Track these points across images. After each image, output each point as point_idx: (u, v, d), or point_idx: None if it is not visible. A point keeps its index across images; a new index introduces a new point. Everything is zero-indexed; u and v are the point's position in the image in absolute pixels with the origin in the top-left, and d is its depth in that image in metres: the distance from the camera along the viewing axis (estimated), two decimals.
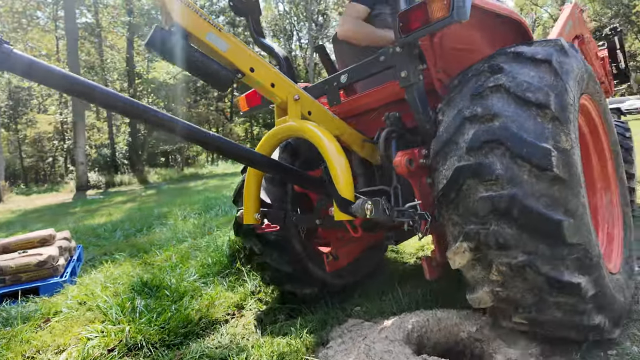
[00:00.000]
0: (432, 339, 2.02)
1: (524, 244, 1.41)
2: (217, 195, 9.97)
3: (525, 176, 1.40)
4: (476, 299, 1.65)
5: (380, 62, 1.97)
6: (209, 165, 30.43)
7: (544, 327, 1.60)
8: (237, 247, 3.68)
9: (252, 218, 2.08)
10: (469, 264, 1.58)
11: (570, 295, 1.43)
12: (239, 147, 1.75)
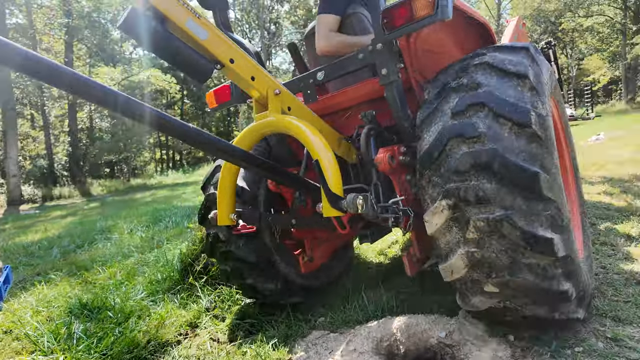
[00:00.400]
0: (402, 347, 1.92)
1: (501, 198, 1.47)
2: (167, 207, 9.44)
3: (506, 133, 1.51)
4: (449, 268, 1.66)
5: (359, 60, 1.99)
6: (158, 175, 29.02)
7: (516, 297, 1.58)
8: (189, 261, 3.41)
9: (227, 219, 1.97)
10: (445, 225, 1.61)
11: (543, 254, 1.47)
12: (220, 142, 1.63)
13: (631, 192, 4.28)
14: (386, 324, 2.02)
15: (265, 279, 2.55)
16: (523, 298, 1.58)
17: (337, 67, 2.12)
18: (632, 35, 27.02)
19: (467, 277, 1.64)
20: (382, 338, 1.93)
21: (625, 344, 1.70)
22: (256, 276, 2.53)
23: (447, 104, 1.68)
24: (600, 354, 1.66)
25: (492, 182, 1.48)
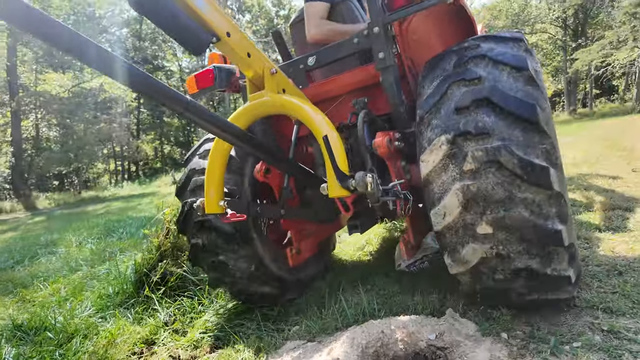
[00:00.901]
0: (389, 353, 1.73)
1: (500, 130, 1.52)
2: (122, 218, 8.82)
3: (505, 76, 1.61)
4: (441, 210, 1.65)
5: (353, 45, 2.00)
6: (112, 187, 27.46)
7: (509, 241, 1.55)
8: (145, 271, 3.07)
9: (216, 206, 1.82)
10: (442, 164, 1.64)
11: (539, 187, 1.48)
12: (218, 118, 1.54)
13: (592, 189, 4.39)
14: (370, 328, 1.83)
15: (238, 257, 2.35)
16: (516, 243, 1.54)
17: (330, 53, 2.11)
18: (572, 52, 29.12)
19: (459, 221, 1.62)
20: (368, 344, 1.73)
21: (624, 336, 1.61)
22: (230, 252, 2.33)
23: (448, 61, 1.81)
24: (600, 348, 1.56)
25: (492, 116, 1.55)
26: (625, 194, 3.98)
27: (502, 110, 1.54)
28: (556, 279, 1.58)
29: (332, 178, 1.62)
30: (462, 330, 1.78)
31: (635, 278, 2.08)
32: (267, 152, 1.84)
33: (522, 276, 1.60)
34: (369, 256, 3.41)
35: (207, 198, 1.84)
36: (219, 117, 1.56)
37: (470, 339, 1.71)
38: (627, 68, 29.37)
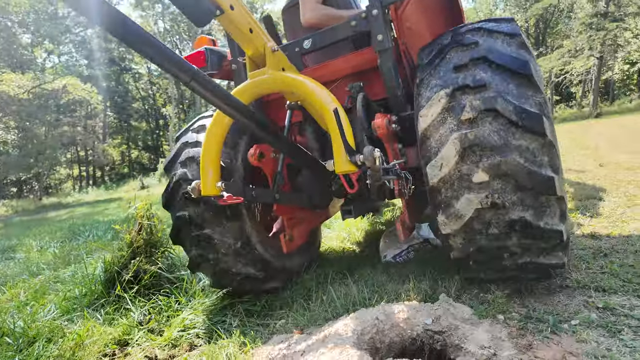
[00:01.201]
0: (385, 340, 1.65)
1: (497, 84, 1.61)
2: (89, 221, 8.37)
3: (500, 42, 1.72)
4: (439, 161, 1.68)
5: (351, 27, 2.02)
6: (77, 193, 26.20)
7: (504, 190, 1.58)
8: (116, 269, 2.86)
9: (213, 188, 1.77)
10: (440, 117, 1.69)
11: (533, 134, 1.55)
12: (223, 90, 1.49)
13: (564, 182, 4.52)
14: (364, 315, 1.74)
15: (225, 232, 2.26)
16: (511, 192, 1.57)
17: (327, 36, 2.11)
18: None
19: (455, 172, 1.65)
20: (363, 331, 1.64)
21: (620, 313, 1.60)
22: (216, 226, 2.24)
23: (446, 37, 1.89)
24: (599, 325, 1.54)
25: (488, 72, 1.64)
26: (596, 185, 4.11)
27: (498, 66, 1.63)
28: (549, 235, 1.58)
29: (339, 153, 1.59)
30: (457, 315, 1.72)
31: (620, 259, 2.11)
32: (268, 129, 1.79)
33: (516, 230, 1.60)
34: (354, 250, 3.33)
35: (203, 179, 1.77)
36: (224, 89, 1.50)
37: (467, 322, 1.66)
38: (584, 76, 31.06)
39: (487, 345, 1.44)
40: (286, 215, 2.51)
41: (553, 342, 1.46)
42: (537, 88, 1.60)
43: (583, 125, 16.99)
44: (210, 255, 2.30)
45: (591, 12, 26.42)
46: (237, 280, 2.39)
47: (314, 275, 2.72)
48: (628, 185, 3.88)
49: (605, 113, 23.58)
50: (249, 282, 2.41)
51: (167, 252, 3.08)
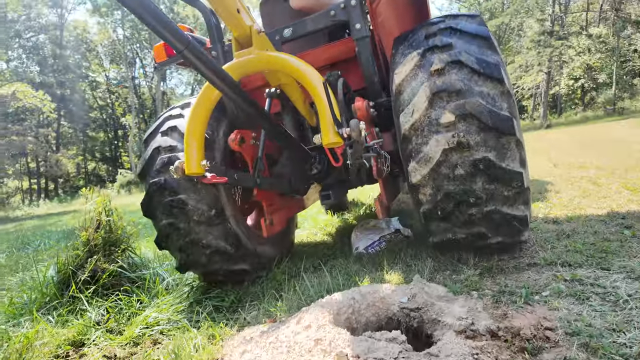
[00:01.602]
0: (361, 319, 1.61)
1: (461, 45, 1.86)
2: (40, 232, 7.81)
3: (463, 20, 2.01)
4: (411, 108, 1.86)
5: (330, 17, 2.14)
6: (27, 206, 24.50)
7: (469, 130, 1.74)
8: (71, 270, 2.65)
9: (197, 166, 1.75)
10: (413, 73, 1.92)
11: (492, 82, 1.77)
12: (215, 64, 1.50)
13: None
14: (339, 296, 1.70)
15: (200, 198, 2.22)
16: (475, 133, 1.74)
17: (306, 25, 2.20)
18: None
19: (425, 118, 1.83)
20: (339, 311, 1.59)
21: (586, 282, 1.65)
22: (191, 192, 2.21)
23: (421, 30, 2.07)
24: (568, 294, 1.58)
25: (454, 37, 1.90)
26: (553, 182, 4.32)
27: (462, 32, 1.90)
28: (511, 177, 1.74)
29: (326, 127, 1.62)
30: (432, 293, 1.71)
31: (582, 239, 2.20)
32: (256, 106, 1.78)
33: (480, 170, 1.75)
34: (326, 244, 3.29)
35: (187, 158, 1.74)
36: (215, 62, 1.50)
37: (442, 300, 1.65)
38: (534, 90, 33.08)
39: (464, 317, 1.43)
40: (266, 201, 2.53)
41: (527, 311, 1.48)
42: (495, 49, 1.86)
43: (535, 135, 17.97)
44: (182, 225, 2.24)
45: (539, 30, 28.31)
46: (206, 255, 2.30)
47: (285, 269, 2.65)
48: (581, 180, 4.10)
49: (554, 124, 25.13)
50: (219, 257, 2.32)
51: (129, 251, 2.90)
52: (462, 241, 1.96)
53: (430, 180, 1.84)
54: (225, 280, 2.49)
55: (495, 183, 1.76)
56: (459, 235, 1.92)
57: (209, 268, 2.37)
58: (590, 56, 27.92)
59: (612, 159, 5.40)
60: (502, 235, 1.88)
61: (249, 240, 2.45)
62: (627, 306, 1.42)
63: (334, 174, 2.44)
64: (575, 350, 1.18)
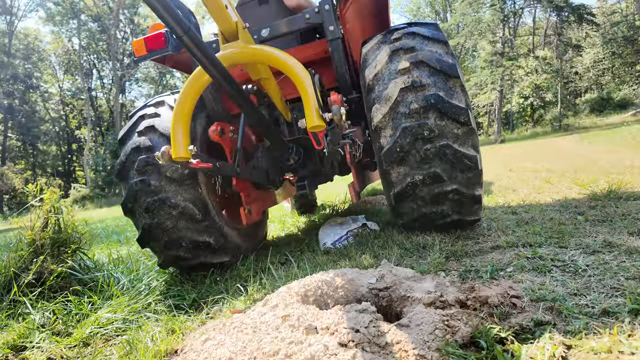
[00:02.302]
0: (329, 302, 1.56)
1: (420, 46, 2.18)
2: None
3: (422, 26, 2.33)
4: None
5: (305, 20, 2.36)
6: None
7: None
8: (13, 272, 2.42)
9: (185, 151, 1.77)
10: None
11: (439, 43, 2.21)
12: (210, 51, 1.55)
13: None
14: (306, 280, 1.64)
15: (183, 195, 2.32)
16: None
17: (283, 26, 2.38)
18: None
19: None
20: (307, 293, 1.54)
21: (547, 258, 1.70)
22: (174, 190, 2.30)
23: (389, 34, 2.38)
24: (531, 269, 1.62)
25: (414, 40, 2.22)
26: (509, 182, 4.52)
27: (423, 36, 2.22)
28: (458, 113, 2.03)
29: (311, 111, 1.69)
30: (400, 274, 1.69)
31: (540, 224, 2.28)
32: (243, 94, 1.87)
33: (432, 104, 2.03)
34: (293, 241, 3.23)
35: (174, 143, 1.76)
36: (210, 50, 1.56)
37: (411, 279, 1.64)
38: (489, 107, 34.95)
39: (432, 291, 1.42)
40: (244, 191, 2.66)
41: (493, 284, 1.49)
42: (446, 45, 2.22)
43: (491, 148, 18.87)
44: (165, 222, 2.29)
45: (491, 51, 30.11)
46: (189, 250, 2.37)
47: (250, 265, 2.56)
48: (535, 180, 4.32)
49: (508, 140, 26.55)
50: (201, 251, 2.40)
51: (80, 252, 2.70)
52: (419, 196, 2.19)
53: (390, 120, 2.11)
54: (205, 273, 2.51)
55: (446, 119, 2.03)
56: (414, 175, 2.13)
57: (192, 262, 2.43)
58: (538, 76, 29.98)
59: (561, 164, 5.74)
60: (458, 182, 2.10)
61: (230, 233, 2.53)
62: (586, 274, 1.46)
63: (309, 165, 2.57)
64: (541, 313, 1.20)
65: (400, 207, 2.25)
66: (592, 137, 10.96)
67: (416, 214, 2.23)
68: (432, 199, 2.13)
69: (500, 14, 29.15)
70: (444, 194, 2.09)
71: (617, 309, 1.15)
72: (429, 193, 2.11)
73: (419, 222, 2.28)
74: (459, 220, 2.22)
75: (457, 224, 2.27)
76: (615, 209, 2.39)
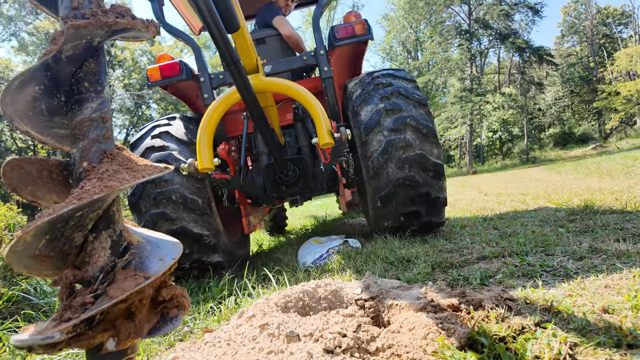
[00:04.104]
0: (313, 314, 1.44)
1: (396, 83, 2.69)
2: None
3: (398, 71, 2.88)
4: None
5: (302, 60, 2.87)
6: None
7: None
8: None
9: (210, 162, 2.02)
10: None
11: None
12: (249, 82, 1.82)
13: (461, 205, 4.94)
14: (287, 291, 1.52)
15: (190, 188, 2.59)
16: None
17: (284, 64, 2.88)
18: None
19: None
20: (287, 304, 1.41)
21: (535, 264, 1.65)
22: (182, 184, 2.57)
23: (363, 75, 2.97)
24: (521, 274, 1.56)
25: (390, 79, 2.74)
26: (486, 204, 4.55)
27: (396, 77, 2.73)
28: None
29: (322, 131, 2.01)
30: (386, 285, 1.60)
31: (523, 236, 2.25)
32: (264, 119, 2.16)
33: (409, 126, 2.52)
34: (270, 260, 3.07)
35: (200, 155, 1.99)
36: (248, 80, 1.80)
37: (398, 289, 1.54)
38: (460, 140, 36.19)
39: (422, 297, 1.33)
40: (243, 204, 3.04)
41: (484, 289, 1.41)
42: (416, 85, 2.73)
43: (463, 178, 19.35)
44: (170, 213, 2.50)
45: (460, 87, 31.55)
46: (188, 244, 2.56)
47: (225, 285, 2.39)
48: (512, 202, 4.37)
49: (479, 171, 27.35)
50: (198, 246, 2.59)
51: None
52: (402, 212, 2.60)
53: (377, 134, 2.61)
54: (198, 273, 2.70)
55: (417, 134, 2.54)
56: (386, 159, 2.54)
57: (191, 257, 2.59)
58: (504, 112, 31.47)
59: (534, 189, 5.87)
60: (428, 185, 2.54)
61: (224, 237, 2.74)
62: (577, 277, 1.41)
63: (301, 182, 2.86)
64: (539, 314, 1.12)
65: (384, 208, 2.61)
66: (559, 168, 11.39)
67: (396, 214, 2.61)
68: (411, 201, 2.54)
69: (468, 53, 30.81)
70: (419, 196, 2.52)
71: (617, 306, 1.09)
72: (407, 194, 2.51)
73: (398, 221, 2.63)
74: (428, 222, 2.64)
75: (427, 225, 2.67)
76: (595, 221, 2.40)
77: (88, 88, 0.71)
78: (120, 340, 0.65)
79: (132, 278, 0.64)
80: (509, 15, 30.06)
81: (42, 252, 0.64)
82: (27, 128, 0.68)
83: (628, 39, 39.87)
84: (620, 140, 27.71)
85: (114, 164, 0.68)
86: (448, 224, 3.22)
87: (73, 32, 0.65)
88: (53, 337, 0.57)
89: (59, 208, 0.59)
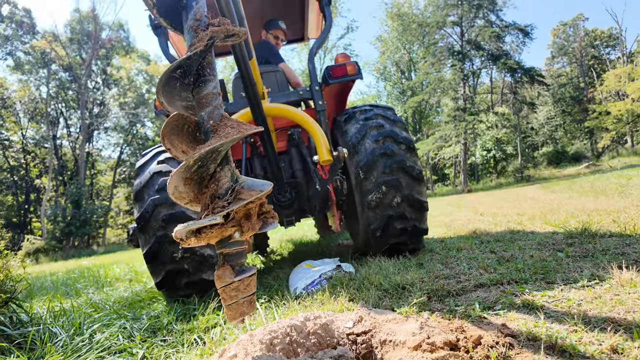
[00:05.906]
0: (300, 350, 1.34)
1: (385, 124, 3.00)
2: None
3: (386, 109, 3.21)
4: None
5: (299, 94, 3.17)
6: None
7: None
8: None
9: None
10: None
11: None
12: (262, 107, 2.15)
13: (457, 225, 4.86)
14: (272, 326, 1.42)
15: None
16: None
17: (281, 97, 3.16)
18: None
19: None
20: (273, 341, 1.31)
21: (536, 294, 1.57)
22: None
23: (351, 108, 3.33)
24: (522, 305, 1.47)
25: (380, 120, 3.01)
26: (481, 226, 4.48)
27: (385, 117, 3.04)
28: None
29: (322, 149, 2.32)
30: (380, 317, 1.51)
31: (521, 261, 2.17)
32: (272, 143, 2.37)
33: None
34: (260, 285, 2.96)
35: None
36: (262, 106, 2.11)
37: (392, 322, 1.45)
38: (454, 159, 36.43)
39: (418, 332, 1.24)
40: None
41: (483, 323, 1.33)
42: (402, 124, 3.06)
43: (458, 197, 19.34)
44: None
45: (454, 107, 31.94)
46: (194, 264, 2.57)
47: (210, 316, 2.28)
48: (508, 223, 4.30)
49: (474, 189, 27.43)
50: (203, 266, 2.59)
51: (13, 303, 2.34)
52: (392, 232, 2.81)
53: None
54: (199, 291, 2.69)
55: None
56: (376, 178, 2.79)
57: (194, 277, 2.58)
58: (498, 131, 31.82)
59: (530, 209, 5.83)
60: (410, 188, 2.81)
61: None
62: (581, 309, 1.33)
63: (296, 204, 3.06)
64: (543, 353, 1.04)
65: (373, 214, 2.78)
66: (553, 187, 11.41)
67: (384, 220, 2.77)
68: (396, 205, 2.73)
69: (461, 73, 31.32)
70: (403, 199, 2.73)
71: (626, 345, 1.01)
72: (392, 199, 2.71)
73: (384, 228, 2.78)
74: (413, 227, 2.79)
75: (413, 232, 2.82)
76: (594, 245, 2.34)
77: (209, 72, 1.04)
78: (243, 232, 0.98)
79: (249, 193, 0.95)
80: (500, 37, 30.77)
81: (191, 175, 0.96)
82: (163, 99, 1.02)
83: (616, 60, 40.87)
84: (613, 159, 28.02)
85: (228, 122, 0.99)
86: (444, 246, 3.14)
87: (211, 34, 1.01)
88: (216, 219, 0.89)
89: (212, 143, 0.90)
